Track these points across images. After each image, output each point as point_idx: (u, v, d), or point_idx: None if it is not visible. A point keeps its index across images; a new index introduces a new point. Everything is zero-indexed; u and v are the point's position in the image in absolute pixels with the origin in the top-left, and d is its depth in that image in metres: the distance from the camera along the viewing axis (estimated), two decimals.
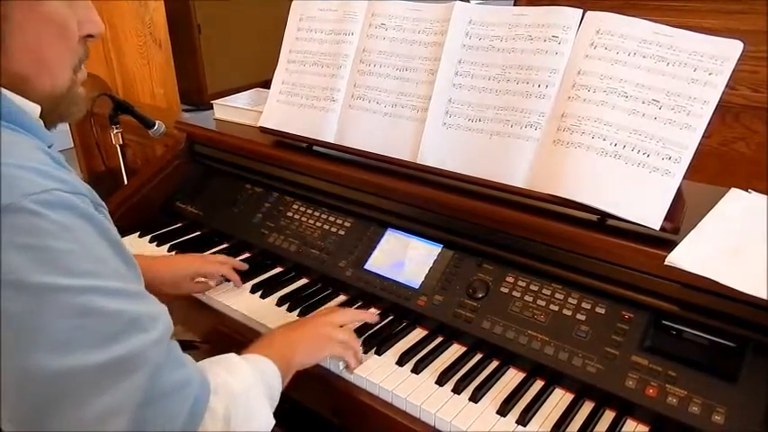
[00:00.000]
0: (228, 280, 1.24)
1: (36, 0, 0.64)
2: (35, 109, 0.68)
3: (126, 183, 1.78)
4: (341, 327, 1.00)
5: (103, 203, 0.67)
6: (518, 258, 1.06)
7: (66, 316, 0.57)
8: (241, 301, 1.19)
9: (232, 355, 0.81)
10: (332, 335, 0.97)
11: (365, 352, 1.02)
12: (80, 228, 0.60)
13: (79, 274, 0.58)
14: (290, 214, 1.36)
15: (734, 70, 0.92)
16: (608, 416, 0.90)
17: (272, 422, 0.78)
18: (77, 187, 0.62)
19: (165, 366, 0.64)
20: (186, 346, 0.71)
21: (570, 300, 1.00)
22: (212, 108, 1.64)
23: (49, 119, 0.72)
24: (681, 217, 0.95)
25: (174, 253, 1.38)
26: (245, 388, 0.75)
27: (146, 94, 2.39)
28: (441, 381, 0.96)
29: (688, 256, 0.87)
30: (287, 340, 0.92)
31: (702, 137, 0.92)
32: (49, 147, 0.67)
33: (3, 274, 0.55)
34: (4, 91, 0.64)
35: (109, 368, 0.59)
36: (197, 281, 1.21)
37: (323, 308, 1.16)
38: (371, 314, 1.08)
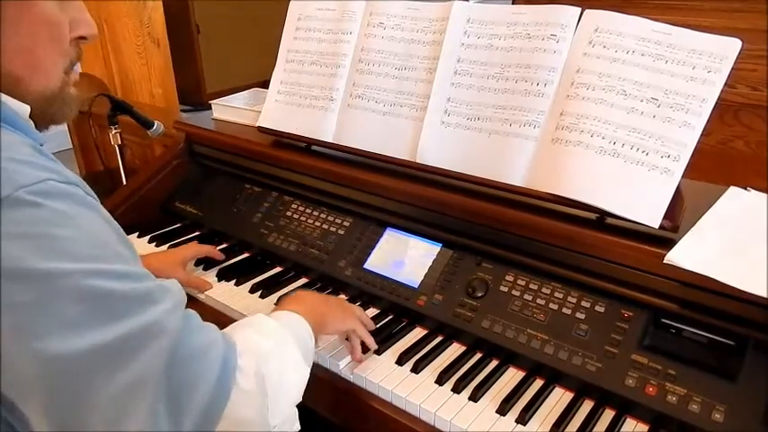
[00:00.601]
0: (227, 279, 1.26)
1: (28, 0, 0.64)
2: (25, 110, 0.68)
3: (125, 183, 1.78)
4: None
5: (94, 195, 0.68)
6: (517, 257, 1.06)
7: (75, 300, 0.57)
8: (240, 301, 1.19)
9: (259, 315, 0.82)
10: (355, 311, 1.03)
11: (364, 352, 1.01)
12: (79, 214, 0.61)
13: (83, 259, 0.59)
14: (289, 214, 1.36)
15: (733, 68, 0.91)
16: (608, 414, 0.90)
17: (307, 376, 0.80)
18: (69, 177, 0.63)
19: (184, 331, 0.65)
20: None
21: (570, 298, 1.00)
22: (211, 108, 1.64)
23: (41, 120, 0.71)
24: (680, 215, 0.95)
25: None
26: (275, 345, 0.76)
27: (144, 94, 2.39)
28: (440, 380, 0.96)
29: (687, 254, 0.87)
30: (318, 302, 0.97)
31: (701, 135, 0.92)
32: (41, 145, 0.67)
33: (6, 265, 0.55)
34: None
35: (126, 342, 0.60)
36: (194, 275, 1.26)
37: None
38: (371, 323, 1.07)
